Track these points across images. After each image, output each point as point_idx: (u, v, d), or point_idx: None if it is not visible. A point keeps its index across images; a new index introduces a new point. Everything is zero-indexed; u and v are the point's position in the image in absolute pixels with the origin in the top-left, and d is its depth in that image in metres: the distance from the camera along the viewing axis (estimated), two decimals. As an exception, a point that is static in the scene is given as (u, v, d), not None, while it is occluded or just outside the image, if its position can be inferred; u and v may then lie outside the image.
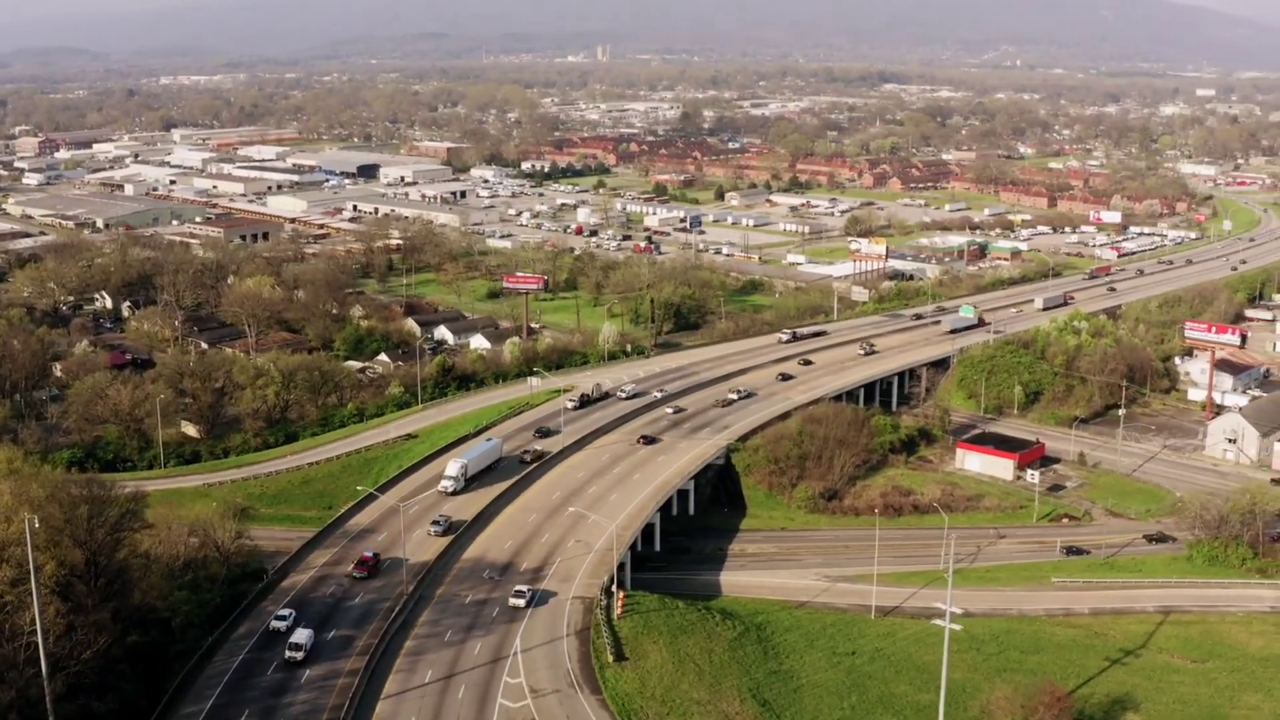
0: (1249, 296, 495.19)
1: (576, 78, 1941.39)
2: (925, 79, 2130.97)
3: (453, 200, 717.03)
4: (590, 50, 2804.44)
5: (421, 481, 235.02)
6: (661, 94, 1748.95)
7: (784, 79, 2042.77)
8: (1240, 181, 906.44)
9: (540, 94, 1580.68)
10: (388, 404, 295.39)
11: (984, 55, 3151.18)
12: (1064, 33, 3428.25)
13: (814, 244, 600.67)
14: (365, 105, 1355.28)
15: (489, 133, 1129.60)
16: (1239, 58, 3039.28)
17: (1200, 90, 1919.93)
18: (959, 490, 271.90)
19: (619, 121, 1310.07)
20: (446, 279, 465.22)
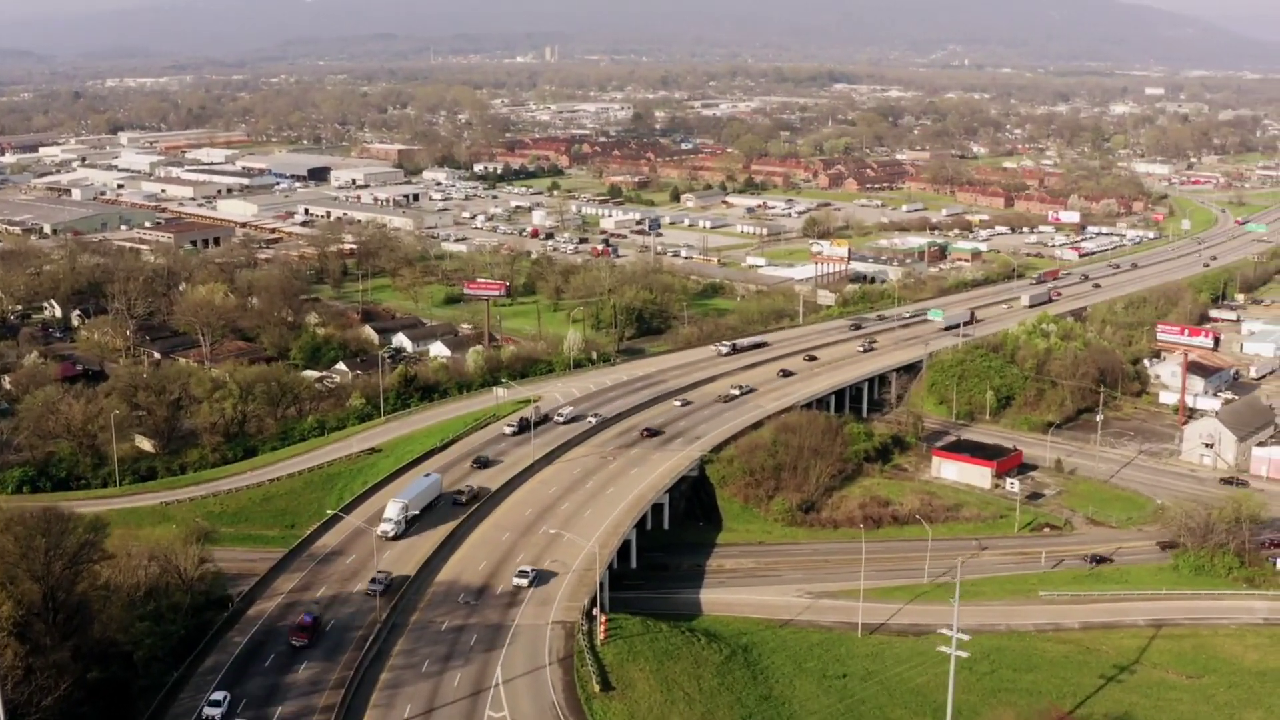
0: (1212, 296, 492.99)
1: (526, 78, 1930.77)
2: (875, 79, 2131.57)
3: (406, 203, 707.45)
4: (539, 51, 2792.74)
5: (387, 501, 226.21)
6: (612, 94, 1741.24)
7: (734, 79, 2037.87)
8: (1195, 181, 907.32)
9: (490, 95, 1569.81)
10: (349, 416, 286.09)
11: (932, 55, 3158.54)
12: (1012, 32, 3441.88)
13: (772, 246, 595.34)
14: (314, 107, 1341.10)
15: (440, 134, 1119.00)
16: (1186, 57, 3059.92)
17: (1149, 89, 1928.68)
18: (937, 500, 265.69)
19: (570, 122, 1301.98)
20: (403, 284, 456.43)
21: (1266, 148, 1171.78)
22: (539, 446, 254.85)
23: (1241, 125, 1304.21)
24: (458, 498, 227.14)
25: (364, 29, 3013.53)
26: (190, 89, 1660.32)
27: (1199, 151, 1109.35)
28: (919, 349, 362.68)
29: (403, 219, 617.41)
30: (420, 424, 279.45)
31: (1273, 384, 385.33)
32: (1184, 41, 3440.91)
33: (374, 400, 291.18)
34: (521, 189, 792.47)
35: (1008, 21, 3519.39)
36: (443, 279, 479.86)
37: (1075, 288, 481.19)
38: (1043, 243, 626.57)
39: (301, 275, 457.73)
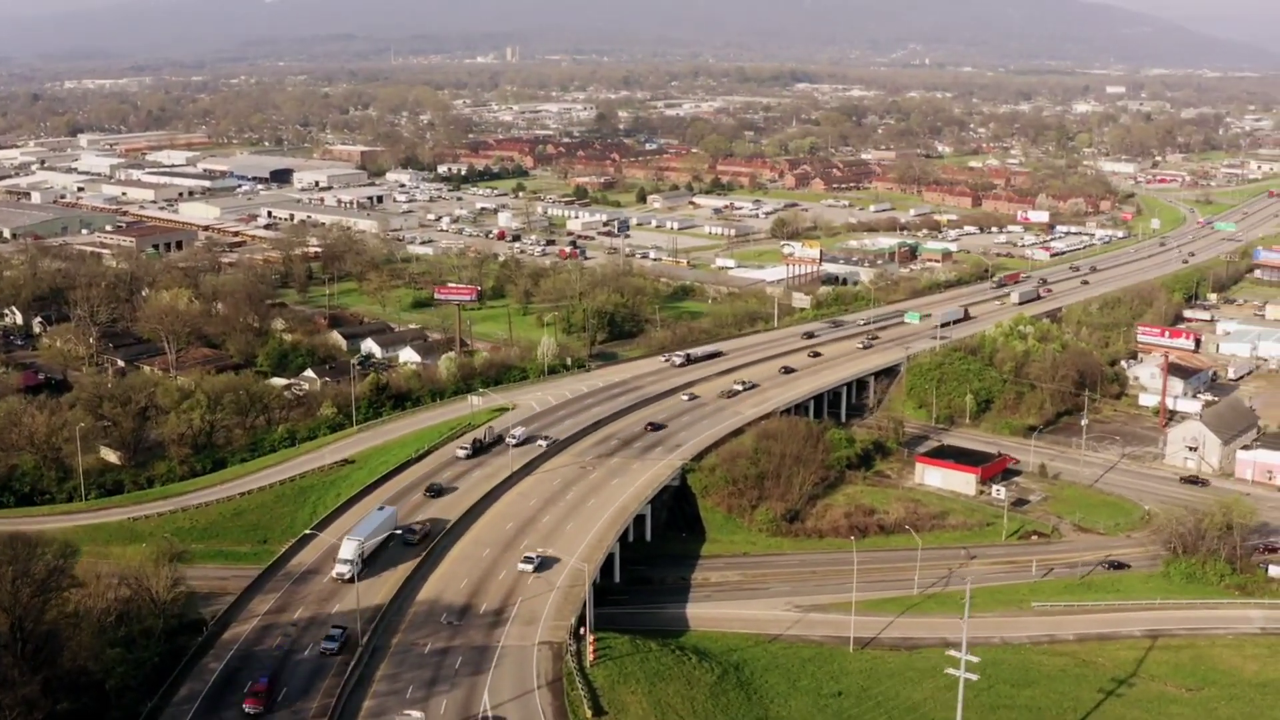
0: (1185, 296, 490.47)
1: (487, 78, 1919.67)
2: (837, 78, 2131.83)
3: (370, 205, 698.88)
4: (500, 51, 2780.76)
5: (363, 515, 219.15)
6: (574, 94, 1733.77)
7: (696, 79, 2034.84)
8: (1161, 179, 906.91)
9: (452, 95, 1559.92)
10: (320, 426, 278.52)
11: (892, 54, 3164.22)
12: (971, 31, 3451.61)
13: (741, 247, 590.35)
14: (275, 108, 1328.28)
15: (402, 135, 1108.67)
16: (1145, 55, 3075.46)
17: (1110, 87, 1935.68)
18: (922, 508, 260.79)
19: (533, 123, 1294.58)
20: (370, 288, 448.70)
21: (1230, 146, 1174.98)
22: (517, 456, 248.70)
23: (1204, 123, 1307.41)
24: (408, 537, 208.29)
25: (323, 29, 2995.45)
26: (150, 90, 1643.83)
27: (1163, 150, 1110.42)
28: (898, 351, 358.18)
29: (367, 221, 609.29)
30: (393, 434, 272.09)
31: (1251, 384, 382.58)
32: (1143, 40, 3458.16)
33: (345, 409, 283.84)
34: (486, 190, 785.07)
35: (968, 21, 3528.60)
36: (410, 283, 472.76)
37: (1065, 283, 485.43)
38: (1012, 242, 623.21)
39: (266, 280, 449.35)
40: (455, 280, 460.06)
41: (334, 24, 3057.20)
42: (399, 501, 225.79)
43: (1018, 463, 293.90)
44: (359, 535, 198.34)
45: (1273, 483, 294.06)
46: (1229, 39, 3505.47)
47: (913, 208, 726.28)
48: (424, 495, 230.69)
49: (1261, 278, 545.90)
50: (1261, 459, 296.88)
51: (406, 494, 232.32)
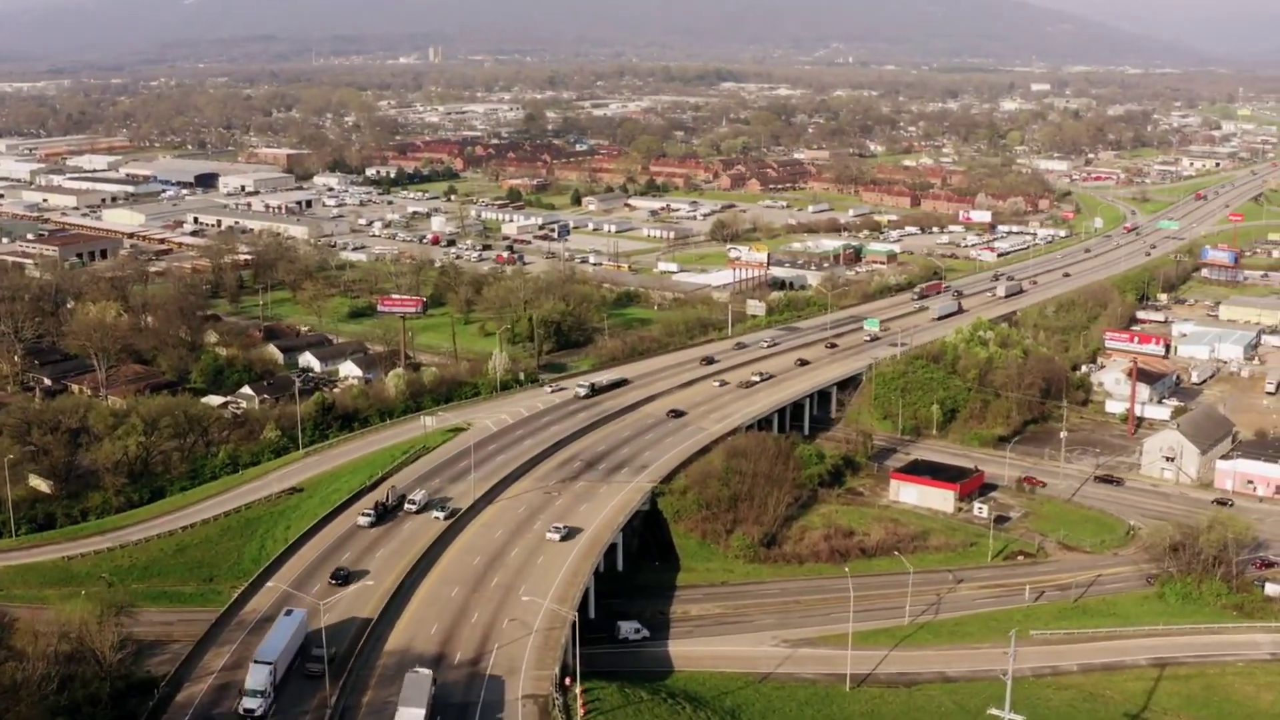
0: (1136, 297, 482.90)
1: (411, 79, 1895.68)
2: (762, 77, 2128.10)
3: (299, 210, 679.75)
4: (422, 51, 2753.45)
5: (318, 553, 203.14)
6: (499, 95, 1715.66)
7: (622, 78, 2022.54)
8: (1096, 177, 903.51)
9: (376, 96, 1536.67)
10: (263, 450, 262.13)
11: (816, 53, 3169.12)
12: (893, 30, 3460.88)
13: (681, 250, 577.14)
14: (197, 111, 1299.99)
15: (328, 138, 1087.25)
16: (1066, 52, 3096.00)
17: (1035, 85, 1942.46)
18: (902, 528, 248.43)
19: (460, 124, 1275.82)
20: (305, 298, 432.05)
21: (1161, 143, 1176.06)
22: (478, 482, 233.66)
23: (1133, 120, 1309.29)
24: (309, 667, 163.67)
25: (242, 30, 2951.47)
26: (69, 93, 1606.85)
27: (1095, 147, 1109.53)
28: (860, 360, 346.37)
29: (298, 227, 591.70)
30: (342, 458, 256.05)
31: (1216, 388, 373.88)
32: (1063, 37, 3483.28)
33: (289, 431, 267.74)
34: (417, 194, 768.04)
35: (889, 19, 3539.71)
36: (345, 291, 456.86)
37: (1047, 275, 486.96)
38: (955, 243, 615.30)
39: (197, 290, 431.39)
40: (393, 288, 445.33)
41: (253, 25, 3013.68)
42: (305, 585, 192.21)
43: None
44: (268, 656, 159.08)
45: (1254, 493, 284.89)
46: (1149, 36, 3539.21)
47: (851, 208, 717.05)
48: (329, 583, 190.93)
49: (1209, 276, 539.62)
50: (1242, 468, 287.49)
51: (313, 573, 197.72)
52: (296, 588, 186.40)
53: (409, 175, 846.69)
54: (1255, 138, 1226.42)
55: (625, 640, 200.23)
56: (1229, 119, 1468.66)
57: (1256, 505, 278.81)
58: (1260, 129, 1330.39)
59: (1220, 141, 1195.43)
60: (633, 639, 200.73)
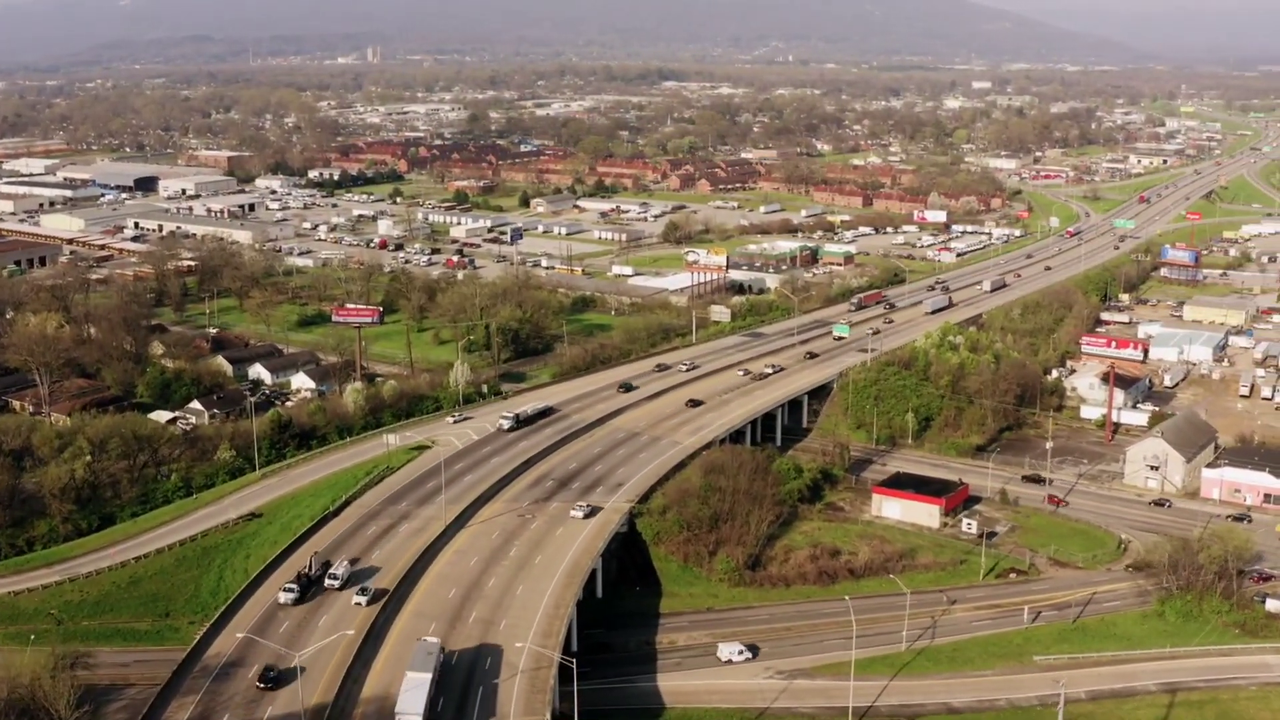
0: (1099, 297, 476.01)
1: (350, 79, 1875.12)
2: (704, 75, 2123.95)
3: (242, 214, 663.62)
4: (360, 52, 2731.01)
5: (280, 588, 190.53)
6: (440, 95, 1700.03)
7: (563, 78, 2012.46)
8: (1046, 175, 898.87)
9: (316, 97, 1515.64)
10: (218, 472, 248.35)
11: (755, 51, 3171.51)
12: (832, 28, 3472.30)
13: (634, 252, 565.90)
14: (135, 113, 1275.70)
15: (269, 139, 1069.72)
16: (1004, 50, 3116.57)
17: (977, 83, 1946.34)
18: (888, 545, 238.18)
19: (402, 125, 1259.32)
20: (252, 306, 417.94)
21: (1107, 140, 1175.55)
22: (448, 505, 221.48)
23: (1077, 118, 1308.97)
24: None
25: (179, 31, 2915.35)
26: (3, 96, 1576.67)
27: (1041, 145, 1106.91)
28: (830, 369, 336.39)
29: (242, 232, 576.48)
30: (302, 480, 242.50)
31: (1188, 392, 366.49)
32: (1001, 35, 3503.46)
33: (244, 451, 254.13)
34: (362, 196, 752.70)
35: (827, 17, 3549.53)
36: (293, 298, 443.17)
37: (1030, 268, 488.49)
38: (910, 243, 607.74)
39: (141, 299, 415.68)
40: (342, 294, 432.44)
41: (190, 25, 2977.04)
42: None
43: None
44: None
45: (1242, 502, 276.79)
46: (1086, 33, 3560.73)
47: (804, 208, 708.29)
48: (257, 687, 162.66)
49: (1168, 276, 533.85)
50: (1229, 477, 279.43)
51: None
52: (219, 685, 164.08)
53: (352, 177, 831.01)
54: (1201, 134, 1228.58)
55: (729, 662, 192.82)
56: (1172, 116, 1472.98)
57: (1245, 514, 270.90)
58: (1204, 125, 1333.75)
59: (1166, 139, 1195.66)
60: (736, 660, 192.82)
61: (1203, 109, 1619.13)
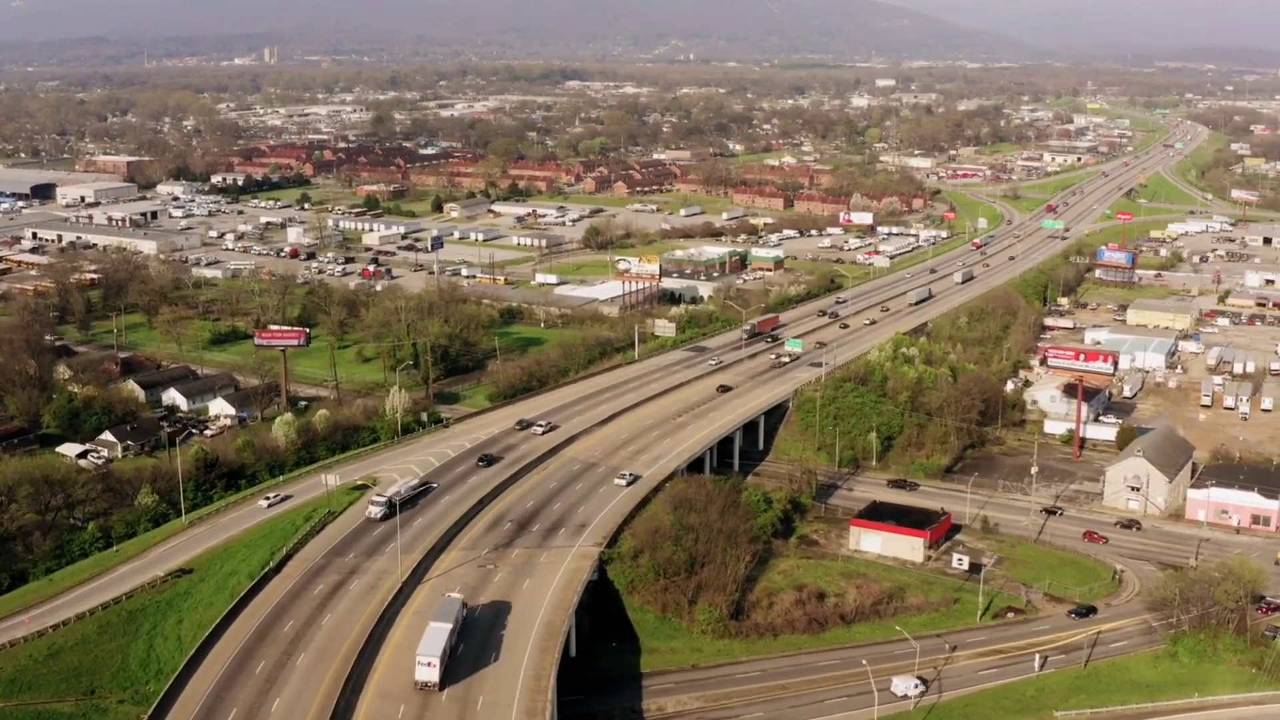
0: (1038, 300, 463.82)
1: (248, 81, 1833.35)
2: (607, 75, 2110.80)
3: (145, 222, 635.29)
4: (257, 52, 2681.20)
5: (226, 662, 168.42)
6: (341, 96, 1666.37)
7: (465, 78, 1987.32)
8: (963, 174, 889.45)
9: (214, 99, 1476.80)
10: (139, 519, 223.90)
11: (655, 50, 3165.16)
12: (731, 26, 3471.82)
13: (556, 259, 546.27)
14: (28, 117, 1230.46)
15: (169, 143, 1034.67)
16: (903, 48, 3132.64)
17: (881, 81, 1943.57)
18: (874, 584, 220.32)
19: (304, 127, 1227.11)
20: (162, 322, 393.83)
21: (1019, 138, 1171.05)
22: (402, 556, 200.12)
23: (985, 115, 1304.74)
24: None
25: (73, 32, 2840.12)
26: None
27: (953, 143, 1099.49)
28: (784, 386, 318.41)
29: (147, 242, 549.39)
30: (233, 528, 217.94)
31: (1148, 401, 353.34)
32: (900, 32, 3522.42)
33: (168, 494, 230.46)
34: (268, 202, 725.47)
35: (726, 16, 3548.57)
36: (204, 313, 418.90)
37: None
38: (837, 246, 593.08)
39: (43, 317, 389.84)
40: (256, 308, 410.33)
41: (83, 26, 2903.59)
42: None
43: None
44: None
45: (1229, 523, 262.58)
46: (983, 31, 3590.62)
47: (724, 211, 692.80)
48: None
49: (1103, 278, 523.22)
50: (1216, 498, 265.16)
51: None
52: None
53: (257, 182, 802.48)
54: (1111, 131, 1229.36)
55: (904, 697, 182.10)
56: (1079, 112, 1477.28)
57: (1233, 538, 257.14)
58: (1114, 122, 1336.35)
59: (1076, 136, 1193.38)
60: (912, 695, 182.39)
61: (1108, 106, 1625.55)
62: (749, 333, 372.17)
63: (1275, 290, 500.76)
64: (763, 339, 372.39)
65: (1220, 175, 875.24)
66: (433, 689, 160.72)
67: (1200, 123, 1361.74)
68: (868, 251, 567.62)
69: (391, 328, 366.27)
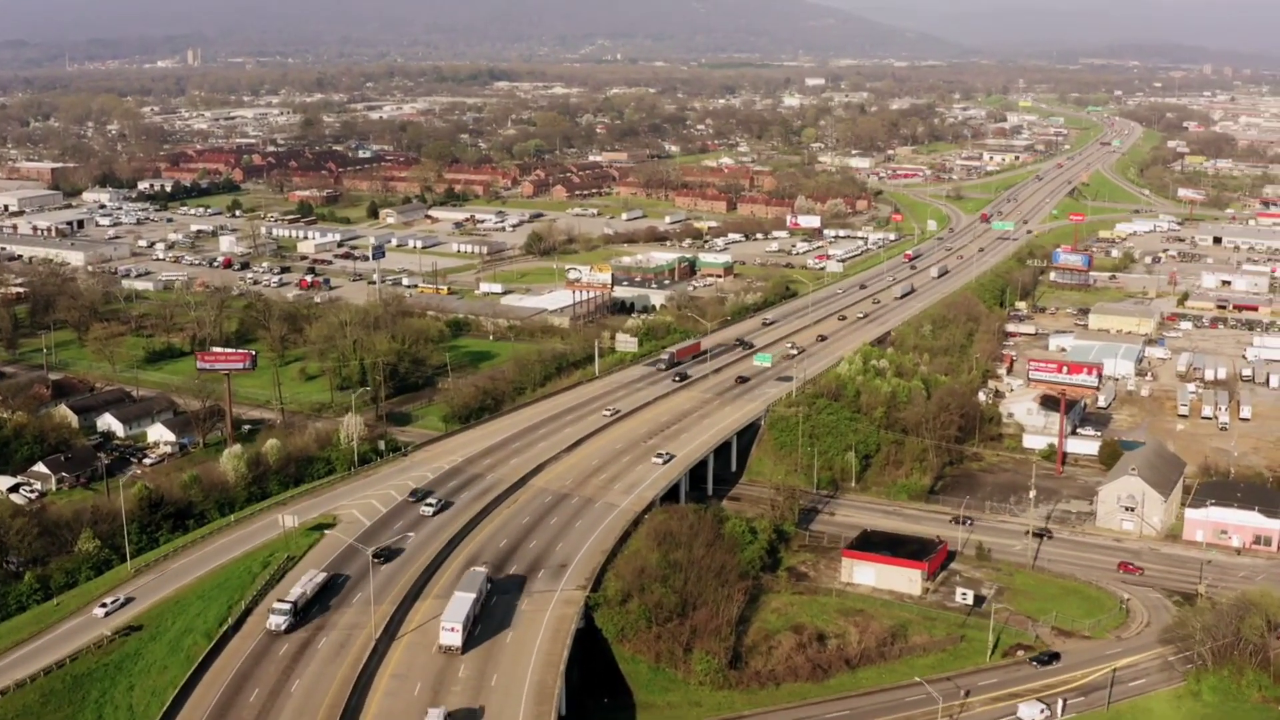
0: (997, 304, 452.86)
1: (172, 84, 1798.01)
2: (535, 75, 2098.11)
3: (71, 232, 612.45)
4: (181, 54, 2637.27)
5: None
6: (267, 98, 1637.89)
7: (392, 79, 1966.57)
8: (904, 174, 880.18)
9: (138, 102, 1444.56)
10: (80, 567, 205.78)
11: (581, 49, 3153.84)
12: (658, 25, 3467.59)
13: (498, 266, 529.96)
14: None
15: (94, 149, 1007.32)
16: (829, 46, 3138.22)
17: (810, 80, 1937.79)
18: (874, 622, 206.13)
19: (231, 131, 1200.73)
20: (93, 340, 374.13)
21: (955, 136, 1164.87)
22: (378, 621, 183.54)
23: (919, 114, 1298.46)
24: None
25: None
26: None
27: (890, 142, 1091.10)
28: (754, 404, 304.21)
29: (74, 253, 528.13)
30: (184, 576, 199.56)
31: (1124, 411, 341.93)
32: (826, 31, 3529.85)
33: (110, 537, 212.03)
34: (198, 209, 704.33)
35: (652, 15, 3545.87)
36: (137, 329, 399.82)
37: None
38: (785, 250, 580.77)
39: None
40: (191, 323, 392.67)
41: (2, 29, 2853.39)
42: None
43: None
44: None
45: (1229, 544, 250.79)
46: (908, 29, 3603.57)
47: (667, 214, 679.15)
48: None
49: (1058, 280, 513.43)
50: (1215, 517, 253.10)
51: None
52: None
53: (186, 188, 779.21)
54: (1047, 129, 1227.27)
55: None
56: (1011, 110, 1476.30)
57: (1235, 559, 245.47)
58: (1048, 120, 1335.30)
59: (1012, 134, 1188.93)
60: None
61: (1039, 104, 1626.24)
62: (667, 363, 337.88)
63: (1234, 292, 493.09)
64: (680, 370, 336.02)
65: (1160, 173, 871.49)
66: (455, 653, 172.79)
67: (1132, 119, 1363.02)
68: (818, 256, 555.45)
69: (336, 343, 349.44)
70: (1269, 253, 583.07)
